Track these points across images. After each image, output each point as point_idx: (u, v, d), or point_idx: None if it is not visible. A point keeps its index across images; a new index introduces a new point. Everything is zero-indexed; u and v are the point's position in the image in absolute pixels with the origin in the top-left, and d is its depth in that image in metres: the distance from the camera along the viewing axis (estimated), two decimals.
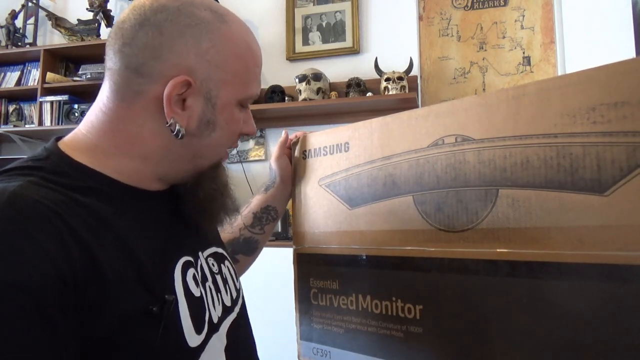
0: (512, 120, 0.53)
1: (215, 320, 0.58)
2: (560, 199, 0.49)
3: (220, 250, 0.69)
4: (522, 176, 0.51)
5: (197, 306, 0.55)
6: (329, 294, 0.71)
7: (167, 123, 0.52)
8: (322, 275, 0.73)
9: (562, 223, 0.49)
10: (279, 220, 0.84)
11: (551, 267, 0.49)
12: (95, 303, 0.42)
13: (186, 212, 0.60)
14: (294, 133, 0.85)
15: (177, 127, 0.52)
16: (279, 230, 2.45)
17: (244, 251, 0.83)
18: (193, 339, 0.52)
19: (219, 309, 0.60)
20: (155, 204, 0.57)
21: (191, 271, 0.57)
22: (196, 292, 0.56)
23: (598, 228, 0.46)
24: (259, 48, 0.59)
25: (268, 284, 2.13)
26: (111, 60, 0.53)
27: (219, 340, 0.58)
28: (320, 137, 0.77)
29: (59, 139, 0.55)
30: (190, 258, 0.58)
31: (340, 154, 0.72)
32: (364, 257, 0.67)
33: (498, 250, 0.53)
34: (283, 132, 0.85)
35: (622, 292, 0.44)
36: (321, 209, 0.74)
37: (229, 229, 0.79)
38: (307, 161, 0.78)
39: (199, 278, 0.58)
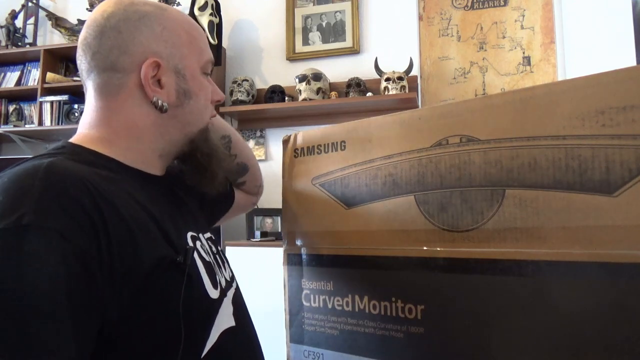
0: (520, 121, 0.53)
1: (223, 285, 0.64)
2: (568, 199, 0.49)
3: (214, 237, 0.75)
4: (529, 177, 0.52)
5: (209, 268, 0.61)
6: (322, 295, 0.70)
7: (152, 101, 0.61)
8: (315, 276, 0.72)
9: (570, 223, 0.49)
10: (236, 138, 0.87)
11: (559, 266, 0.49)
12: (127, 254, 0.48)
13: (188, 180, 0.69)
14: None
15: (160, 103, 0.61)
16: (279, 230, 2.45)
17: (240, 174, 0.90)
18: (213, 292, 0.59)
19: (223, 279, 0.66)
20: (159, 187, 0.64)
21: (198, 242, 0.63)
22: (206, 257, 0.63)
23: (607, 228, 0.46)
24: (196, 23, 0.69)
25: (267, 284, 2.13)
26: (87, 72, 0.62)
27: (228, 304, 0.64)
28: (313, 135, 0.75)
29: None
30: (194, 234, 0.64)
31: (335, 152, 0.70)
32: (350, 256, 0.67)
33: (504, 249, 0.53)
34: None
35: (630, 291, 0.45)
36: (314, 209, 0.73)
37: None
38: (298, 160, 0.77)
39: (204, 250, 0.64)
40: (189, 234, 0.63)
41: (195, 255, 0.59)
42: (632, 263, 0.44)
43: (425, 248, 0.59)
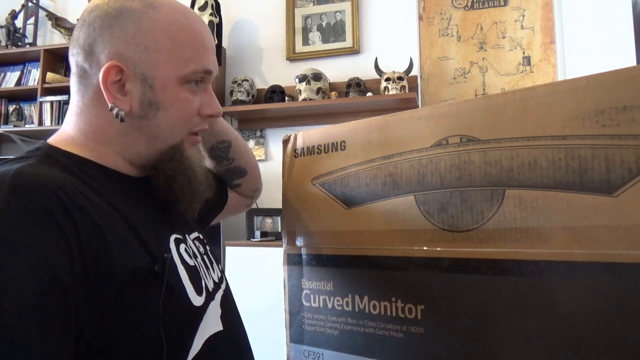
0: (520, 121, 0.53)
1: (210, 289, 0.62)
2: (568, 199, 0.49)
3: (201, 236, 0.72)
4: (529, 177, 0.52)
5: (193, 273, 0.59)
6: (322, 295, 0.70)
7: (109, 108, 0.56)
8: (315, 276, 0.71)
9: (570, 223, 0.49)
10: (237, 142, 0.84)
11: (559, 266, 0.49)
12: (101, 264, 0.46)
13: (158, 196, 0.63)
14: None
15: (116, 111, 0.55)
16: (279, 230, 2.46)
17: (236, 176, 0.87)
18: (196, 300, 0.57)
19: (211, 281, 0.64)
20: (137, 188, 0.61)
21: (182, 246, 0.61)
22: (190, 262, 0.60)
23: (607, 228, 0.46)
24: (198, 25, 0.60)
25: (267, 284, 2.13)
26: (70, 63, 0.59)
27: (216, 308, 0.62)
28: (313, 135, 0.75)
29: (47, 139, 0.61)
30: (179, 236, 0.62)
31: (336, 152, 0.70)
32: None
33: (504, 249, 0.53)
34: None
35: (630, 291, 0.45)
36: (314, 209, 0.72)
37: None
38: (299, 160, 0.76)
39: (190, 253, 0.62)
40: (173, 236, 0.60)
41: (178, 261, 0.57)
42: (632, 263, 0.44)
43: (425, 248, 0.59)
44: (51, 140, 0.59)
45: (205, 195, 0.67)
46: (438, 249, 0.58)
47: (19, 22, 3.20)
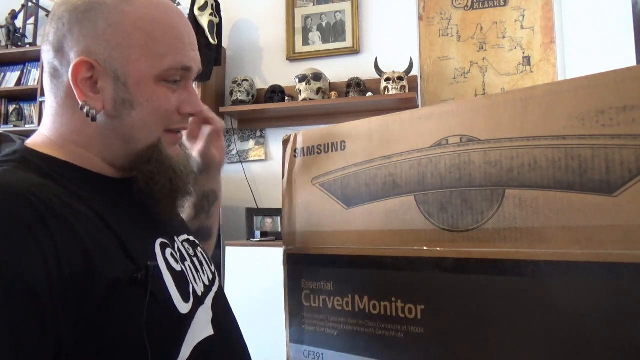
0: (520, 121, 0.53)
1: (199, 293, 0.60)
2: (568, 199, 0.49)
3: (192, 237, 0.71)
4: (529, 177, 0.52)
5: (180, 278, 0.57)
6: (322, 295, 0.70)
7: (80, 106, 0.53)
8: (315, 276, 0.71)
9: (570, 223, 0.49)
10: (221, 199, 0.81)
11: (559, 266, 0.49)
12: (81, 274, 0.44)
13: (140, 198, 0.60)
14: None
15: (87, 110, 0.52)
16: (279, 230, 2.46)
17: (200, 238, 0.83)
18: (182, 307, 0.54)
19: (201, 285, 0.62)
20: (120, 191, 0.59)
21: (169, 250, 0.58)
22: (177, 267, 0.58)
23: (607, 228, 0.46)
24: (176, 19, 0.57)
25: (267, 284, 2.13)
26: (43, 61, 0.56)
27: (205, 313, 0.60)
28: (313, 135, 0.75)
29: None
30: (166, 240, 0.59)
31: (336, 152, 0.70)
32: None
33: (504, 249, 0.53)
34: (208, 127, 0.75)
35: (630, 291, 0.45)
36: (314, 209, 0.72)
37: None
38: (298, 160, 0.76)
39: (177, 257, 0.60)
40: (159, 241, 0.58)
41: (163, 266, 0.55)
42: (632, 263, 0.44)
43: (425, 248, 0.59)
44: (29, 142, 0.56)
45: (191, 195, 0.65)
46: (438, 249, 0.58)
47: (19, 22, 3.20)
